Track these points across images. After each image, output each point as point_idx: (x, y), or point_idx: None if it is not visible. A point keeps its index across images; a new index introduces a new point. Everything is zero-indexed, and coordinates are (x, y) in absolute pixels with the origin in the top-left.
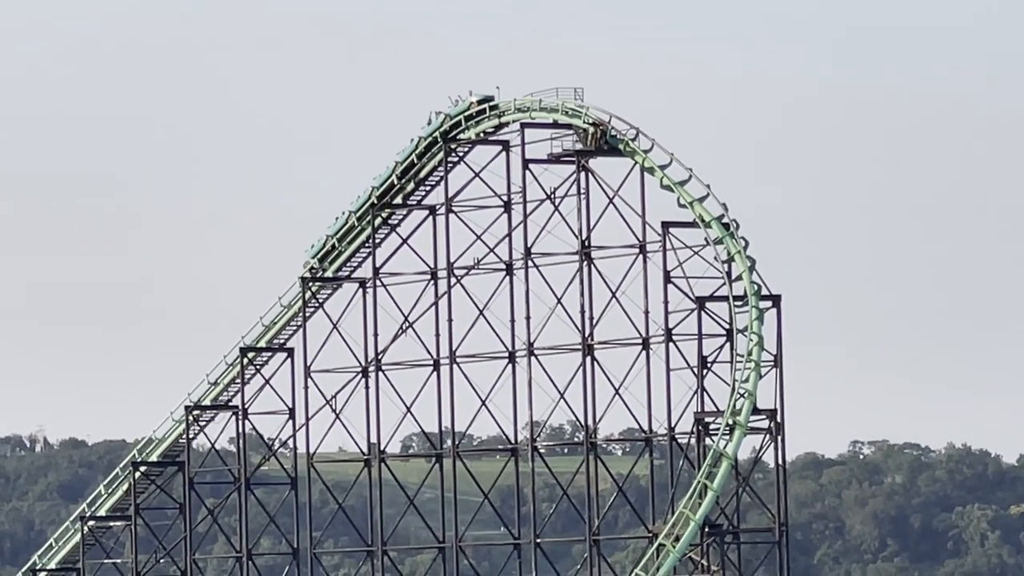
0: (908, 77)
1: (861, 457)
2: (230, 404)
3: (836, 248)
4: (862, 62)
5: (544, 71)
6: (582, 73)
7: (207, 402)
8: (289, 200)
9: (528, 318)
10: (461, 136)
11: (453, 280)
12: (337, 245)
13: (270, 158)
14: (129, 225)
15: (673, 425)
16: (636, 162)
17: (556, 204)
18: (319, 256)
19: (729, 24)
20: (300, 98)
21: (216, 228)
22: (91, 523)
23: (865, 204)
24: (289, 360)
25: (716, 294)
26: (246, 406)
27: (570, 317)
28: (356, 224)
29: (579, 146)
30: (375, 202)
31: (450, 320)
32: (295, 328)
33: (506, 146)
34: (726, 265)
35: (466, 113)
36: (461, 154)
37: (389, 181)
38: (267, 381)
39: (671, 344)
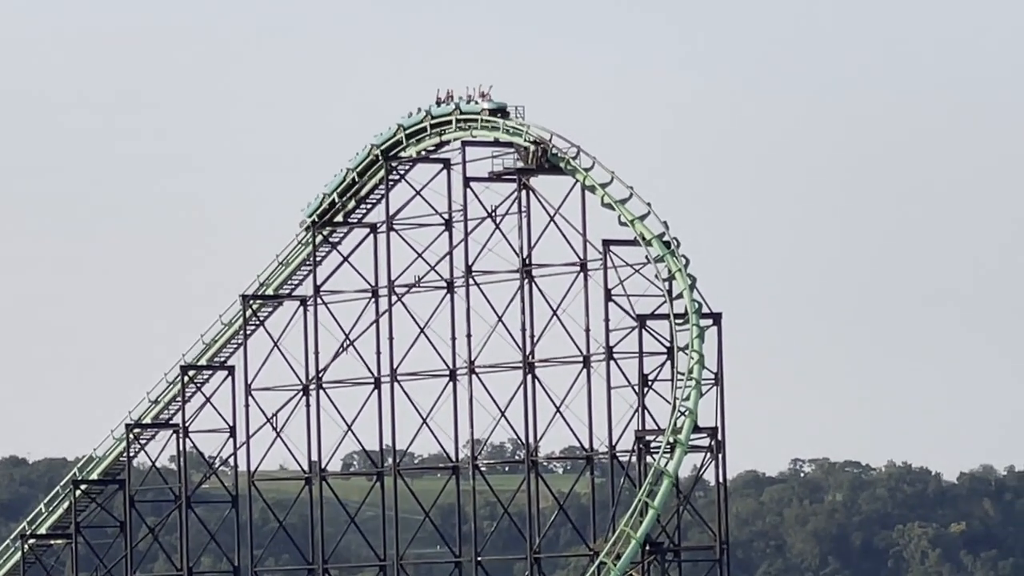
0: (851, 94)
1: (802, 475)
2: (171, 422)
3: (777, 266)
4: (804, 80)
5: (485, 89)
6: (523, 91)
7: (148, 420)
8: (229, 217)
9: (469, 336)
10: (402, 154)
11: (394, 298)
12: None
13: (212, 173)
14: (70, 241)
15: (614, 443)
16: (577, 180)
17: (497, 222)
18: (318, 212)
19: (670, 43)
20: (244, 115)
21: (156, 245)
22: (31, 541)
23: (806, 222)
24: (230, 378)
25: (657, 312)
26: (187, 424)
27: (511, 335)
28: (299, 244)
29: (520, 164)
30: (316, 220)
31: (391, 338)
32: (236, 346)
33: (447, 164)
34: (667, 283)
35: (479, 117)
36: (402, 172)
37: (330, 199)
38: (208, 399)
39: (612, 362)
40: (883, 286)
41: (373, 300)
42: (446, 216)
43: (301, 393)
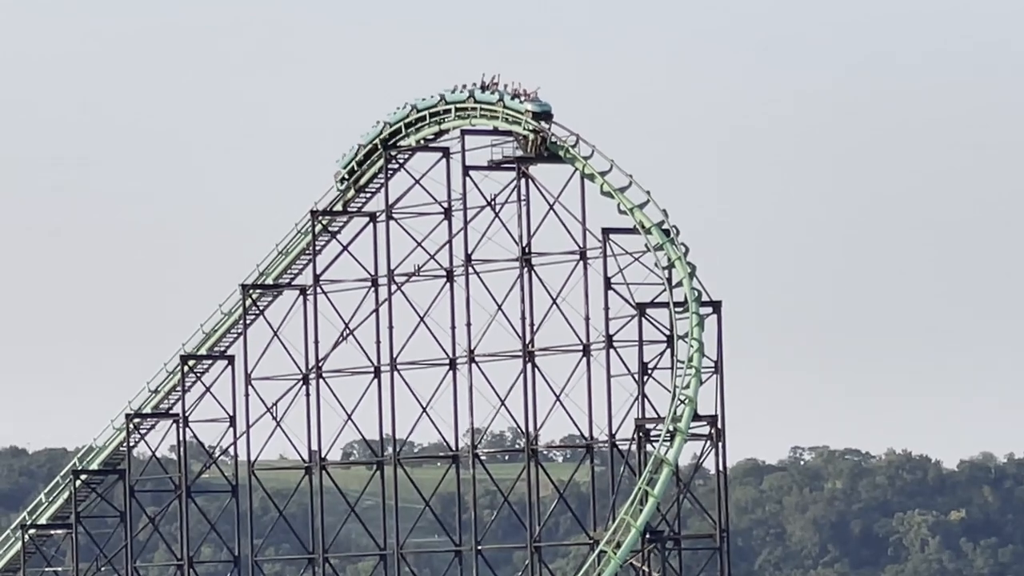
0: (852, 80)
1: (802, 463)
2: (171, 412)
3: (777, 254)
4: (803, 67)
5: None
6: (522, 80)
7: (148, 410)
8: (230, 207)
9: (469, 325)
10: (401, 143)
11: (394, 287)
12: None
13: (212, 162)
14: (69, 232)
15: (614, 432)
16: (576, 169)
17: (496, 211)
18: (348, 168)
19: (668, 30)
20: (245, 105)
21: (156, 235)
22: (32, 532)
23: (806, 210)
24: (230, 368)
25: (657, 300)
26: (187, 414)
27: (511, 324)
28: (297, 236)
29: (519, 153)
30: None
31: (391, 327)
32: (236, 336)
33: (446, 153)
34: (666, 271)
35: (522, 124)
36: (401, 161)
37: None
38: (208, 389)
39: (612, 350)
40: (883, 274)
41: (373, 289)
42: (445, 205)
43: (301, 382)
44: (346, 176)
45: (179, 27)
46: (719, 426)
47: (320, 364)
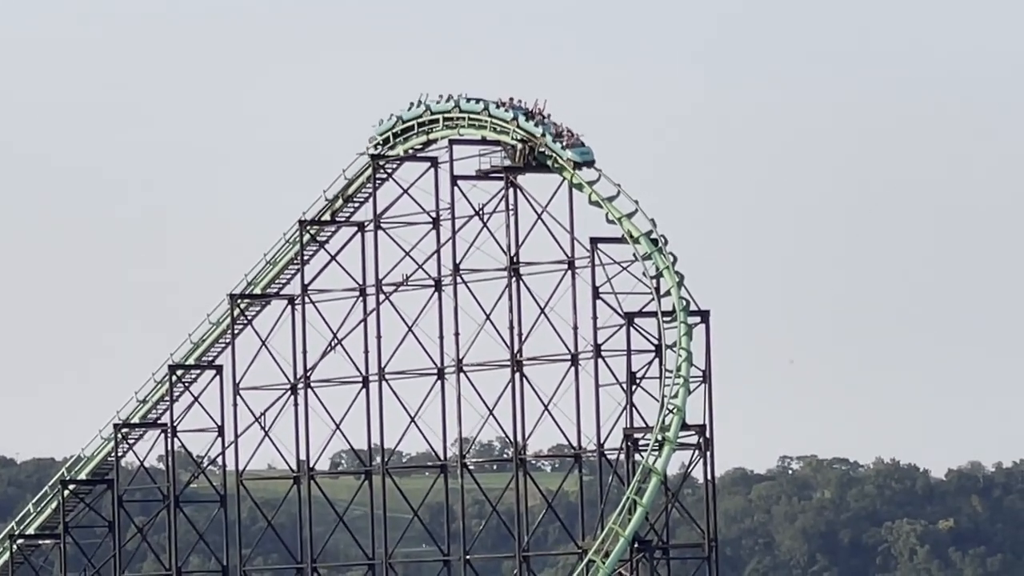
0: (839, 91)
1: (790, 472)
2: (159, 422)
3: (764, 263)
4: (791, 79)
5: (472, 87)
6: (510, 90)
7: (136, 420)
8: (218, 217)
9: (457, 334)
10: (389, 152)
11: (382, 297)
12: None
13: (201, 173)
14: (57, 239)
15: (602, 441)
16: (564, 178)
17: (485, 220)
18: (385, 136)
19: (655, 40)
20: (233, 114)
21: (144, 244)
22: (20, 542)
23: (794, 220)
24: (218, 377)
25: (645, 310)
26: (175, 424)
27: (499, 333)
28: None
29: (507, 162)
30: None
31: (379, 337)
32: (224, 345)
33: (434, 162)
34: (655, 281)
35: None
36: (389, 171)
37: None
38: (196, 399)
39: (600, 360)
40: (870, 283)
41: (361, 299)
42: (433, 214)
43: (289, 392)
44: (381, 143)
45: (168, 37)
46: (707, 435)
47: (308, 374)
